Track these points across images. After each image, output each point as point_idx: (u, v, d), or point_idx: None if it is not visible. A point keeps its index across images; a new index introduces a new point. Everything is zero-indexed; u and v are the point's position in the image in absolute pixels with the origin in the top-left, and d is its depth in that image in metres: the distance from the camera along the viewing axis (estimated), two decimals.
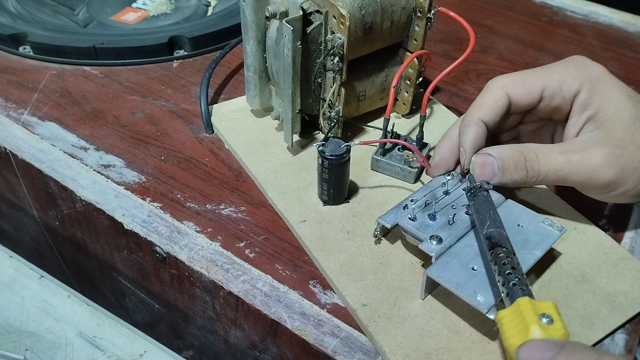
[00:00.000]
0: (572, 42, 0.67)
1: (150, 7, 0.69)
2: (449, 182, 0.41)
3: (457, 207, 0.39)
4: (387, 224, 0.38)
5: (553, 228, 0.37)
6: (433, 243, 0.36)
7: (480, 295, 0.33)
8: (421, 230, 0.37)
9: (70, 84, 0.56)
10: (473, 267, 0.35)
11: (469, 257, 0.35)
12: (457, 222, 0.37)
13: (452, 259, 0.35)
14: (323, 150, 0.40)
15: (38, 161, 0.47)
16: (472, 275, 0.34)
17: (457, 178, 0.41)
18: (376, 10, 0.42)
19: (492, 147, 0.39)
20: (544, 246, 0.36)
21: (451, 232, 0.37)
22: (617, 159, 0.36)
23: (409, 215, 0.38)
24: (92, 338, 0.57)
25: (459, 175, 0.41)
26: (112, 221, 0.44)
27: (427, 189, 0.40)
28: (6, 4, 0.66)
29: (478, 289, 0.33)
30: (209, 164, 0.48)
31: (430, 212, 0.38)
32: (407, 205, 0.39)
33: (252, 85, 0.48)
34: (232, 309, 0.40)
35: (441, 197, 0.40)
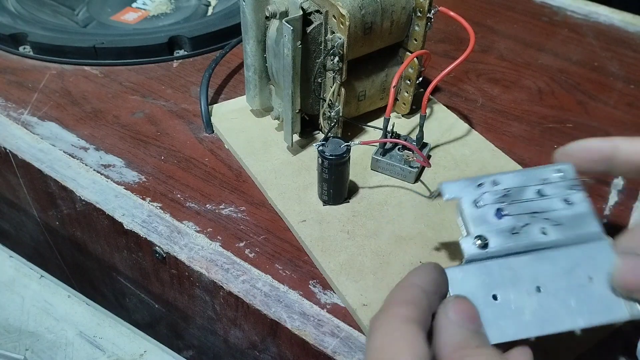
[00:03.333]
0: (572, 42, 0.67)
1: (150, 7, 0.69)
2: (552, 182, 0.31)
3: (537, 218, 0.30)
4: (445, 195, 0.31)
5: (626, 302, 0.28)
6: (476, 243, 0.29)
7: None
8: (475, 223, 0.30)
9: (70, 83, 0.56)
10: (496, 295, 0.28)
11: (500, 281, 0.28)
12: (523, 234, 0.30)
13: (480, 273, 0.29)
14: (323, 150, 0.40)
15: (38, 161, 0.47)
16: (488, 303, 0.28)
17: (568, 184, 0.31)
18: (376, 10, 0.42)
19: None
20: (594, 319, 0.28)
21: (506, 242, 0.29)
22: None
23: (476, 197, 0.31)
24: (92, 338, 0.57)
25: (573, 182, 0.31)
26: (112, 221, 0.44)
27: (521, 177, 0.31)
28: (6, 4, 0.66)
29: (487, 323, 0.27)
30: (209, 164, 0.48)
31: (501, 206, 0.30)
32: (483, 184, 0.31)
33: (252, 85, 0.48)
34: (232, 309, 0.40)
35: (528, 198, 0.31)
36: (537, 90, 0.59)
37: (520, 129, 0.53)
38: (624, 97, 0.58)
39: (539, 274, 0.28)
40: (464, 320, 0.25)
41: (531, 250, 0.29)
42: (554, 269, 0.29)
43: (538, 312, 0.28)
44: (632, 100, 0.58)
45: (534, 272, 0.28)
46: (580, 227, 0.30)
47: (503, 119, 0.54)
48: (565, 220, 0.30)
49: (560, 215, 0.30)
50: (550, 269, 0.29)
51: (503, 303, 0.28)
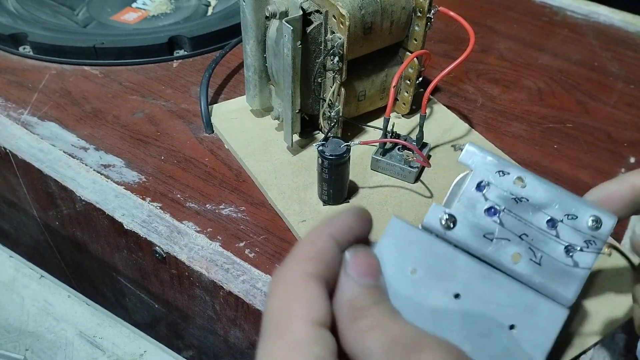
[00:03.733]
0: (572, 42, 0.67)
1: (150, 7, 0.69)
2: (576, 226, 0.26)
3: (522, 243, 0.26)
4: (464, 158, 0.27)
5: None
6: (443, 219, 0.26)
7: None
8: (460, 202, 0.27)
9: (70, 83, 0.56)
10: (416, 270, 0.25)
11: (432, 264, 0.25)
12: (494, 246, 0.26)
13: (422, 243, 0.25)
14: (323, 150, 0.40)
15: (38, 161, 0.47)
16: (404, 272, 0.25)
17: (589, 237, 0.26)
18: (376, 10, 0.42)
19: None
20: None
21: (472, 240, 0.26)
22: None
23: (486, 181, 0.27)
24: (92, 338, 0.57)
25: (598, 240, 0.26)
26: (112, 221, 0.44)
27: (551, 195, 0.27)
28: (6, 4, 0.66)
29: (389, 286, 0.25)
30: (209, 164, 0.48)
31: (499, 210, 0.26)
32: (507, 175, 0.27)
33: (252, 85, 0.48)
34: (232, 309, 0.40)
35: (534, 222, 0.26)
36: (537, 90, 0.58)
37: (520, 129, 0.53)
38: (624, 97, 0.58)
39: (471, 285, 0.25)
40: (361, 275, 0.23)
41: (486, 262, 0.26)
42: (487, 292, 0.25)
43: (437, 313, 0.25)
44: (632, 100, 0.58)
45: (468, 281, 0.25)
46: (555, 283, 0.26)
47: (503, 119, 0.54)
48: (548, 266, 0.26)
49: (549, 260, 0.26)
50: (484, 290, 0.25)
51: (416, 282, 0.25)
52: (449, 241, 0.26)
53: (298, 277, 0.22)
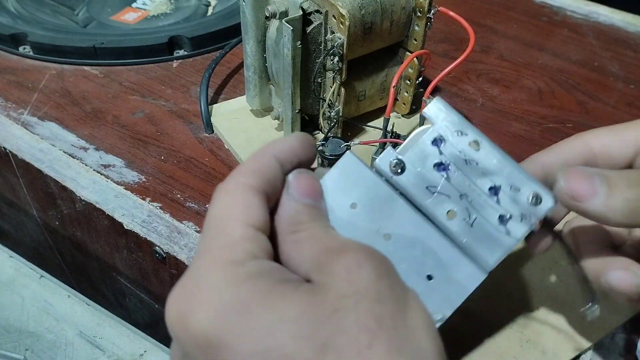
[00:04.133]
0: (572, 42, 0.67)
1: (150, 7, 0.69)
2: (516, 197, 0.27)
3: (461, 202, 0.27)
4: (428, 111, 0.28)
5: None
6: (392, 163, 0.27)
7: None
8: (413, 152, 0.27)
9: (70, 84, 0.56)
10: (356, 204, 0.26)
11: (373, 204, 0.26)
12: (434, 199, 0.27)
13: (368, 181, 0.27)
14: (323, 150, 0.40)
15: (38, 161, 0.47)
16: (344, 204, 0.26)
17: (525, 211, 0.27)
18: (376, 10, 0.42)
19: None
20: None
21: (414, 188, 0.27)
22: None
23: (443, 137, 0.28)
24: (92, 338, 0.57)
25: (533, 215, 0.27)
26: (112, 221, 0.44)
27: (500, 165, 0.27)
28: (6, 4, 0.66)
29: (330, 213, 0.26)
30: (209, 164, 0.48)
31: (448, 167, 0.27)
32: (464, 136, 0.28)
33: (252, 85, 0.48)
34: None
35: (478, 185, 0.27)
36: (537, 90, 0.58)
37: (520, 129, 0.53)
38: (624, 97, 0.58)
39: (402, 231, 0.26)
40: (301, 195, 0.25)
41: (422, 213, 0.27)
42: (415, 240, 0.26)
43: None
44: (632, 100, 0.58)
45: (400, 226, 0.26)
46: (481, 246, 0.27)
47: (503, 119, 0.54)
48: (478, 230, 0.27)
49: (481, 223, 0.27)
50: (413, 238, 0.26)
51: (353, 216, 0.26)
52: (393, 186, 0.27)
53: (239, 187, 0.24)
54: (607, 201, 0.25)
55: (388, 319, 0.21)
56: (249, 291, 0.21)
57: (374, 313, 0.21)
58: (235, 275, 0.21)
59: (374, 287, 0.21)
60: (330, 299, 0.21)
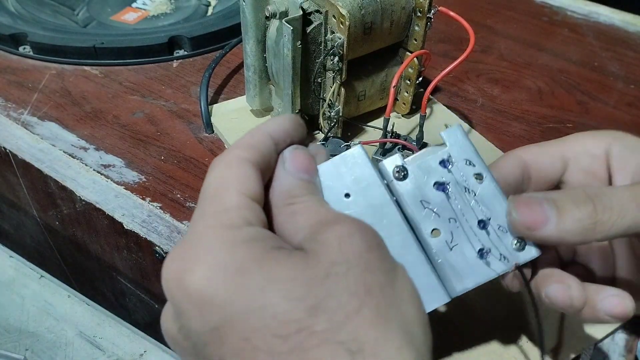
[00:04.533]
0: (572, 42, 0.66)
1: (150, 7, 0.69)
2: (499, 241, 0.28)
3: (449, 224, 0.28)
4: (446, 137, 0.28)
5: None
6: (397, 168, 0.28)
7: None
8: (420, 166, 0.28)
9: (70, 83, 0.56)
10: (349, 195, 0.27)
11: (368, 201, 0.27)
12: (424, 214, 0.28)
13: (368, 172, 0.27)
14: None
15: (38, 161, 0.47)
16: (339, 193, 0.27)
17: (503, 250, 0.28)
18: (376, 10, 0.42)
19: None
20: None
21: (409, 199, 0.28)
22: None
23: (453, 161, 0.28)
24: (92, 338, 0.57)
25: (512, 258, 0.28)
26: (112, 221, 0.44)
27: (496, 205, 0.28)
28: (6, 4, 0.66)
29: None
30: (209, 164, 0.48)
31: (448, 191, 0.28)
32: (473, 167, 0.28)
33: (252, 85, 0.48)
34: None
35: (472, 217, 0.28)
36: (537, 90, 0.58)
37: (520, 129, 0.53)
38: (624, 97, 0.58)
39: (386, 234, 0.26)
40: (298, 171, 0.26)
41: (409, 224, 0.28)
42: (394, 245, 0.26)
43: None
44: (632, 100, 0.58)
45: (386, 229, 0.27)
46: (452, 272, 0.28)
47: (503, 119, 0.54)
48: (456, 256, 0.28)
49: (461, 250, 0.28)
50: (393, 243, 0.27)
51: (344, 204, 0.27)
52: (390, 190, 0.28)
53: (234, 159, 0.25)
54: (559, 225, 0.26)
55: (377, 287, 0.22)
56: (244, 253, 0.22)
57: (364, 281, 0.22)
58: (231, 238, 0.22)
59: (365, 257, 0.22)
60: (322, 265, 0.22)
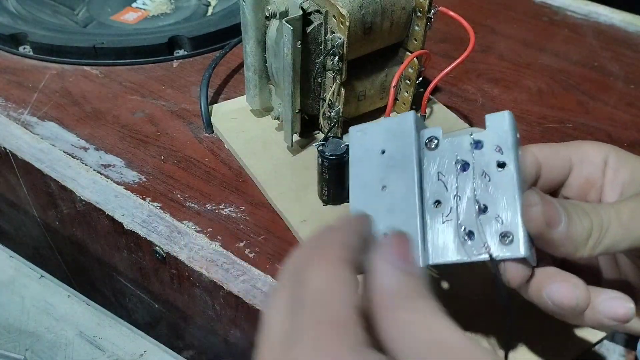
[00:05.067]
0: (572, 41, 0.66)
1: (150, 6, 0.69)
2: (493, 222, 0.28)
3: (463, 209, 0.28)
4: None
5: None
6: (433, 137, 0.30)
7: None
8: (454, 137, 0.29)
9: (70, 83, 0.56)
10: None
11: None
12: (441, 192, 0.29)
13: (399, 152, 0.29)
14: (323, 150, 0.40)
15: (38, 161, 0.47)
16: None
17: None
18: (376, 10, 0.42)
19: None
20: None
21: (429, 175, 0.29)
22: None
23: (482, 141, 0.29)
24: (92, 338, 0.57)
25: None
26: (112, 221, 0.44)
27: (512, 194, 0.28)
28: (6, 4, 0.66)
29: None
30: (209, 164, 0.48)
31: (468, 168, 0.29)
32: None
33: (252, 85, 0.48)
34: (232, 308, 0.40)
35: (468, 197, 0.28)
36: (537, 90, 0.58)
37: (520, 129, 0.52)
38: (624, 97, 0.58)
39: (398, 190, 0.29)
40: (400, 261, 0.22)
41: (420, 189, 0.29)
42: (400, 203, 0.29)
43: (368, 187, 0.30)
44: (632, 100, 0.58)
45: (399, 186, 0.29)
46: (435, 243, 0.28)
47: None
48: (445, 231, 0.28)
49: (452, 227, 0.28)
50: (400, 199, 0.29)
51: (377, 158, 0.30)
52: (419, 155, 0.29)
53: (336, 262, 0.22)
54: (568, 231, 0.26)
55: None
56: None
57: None
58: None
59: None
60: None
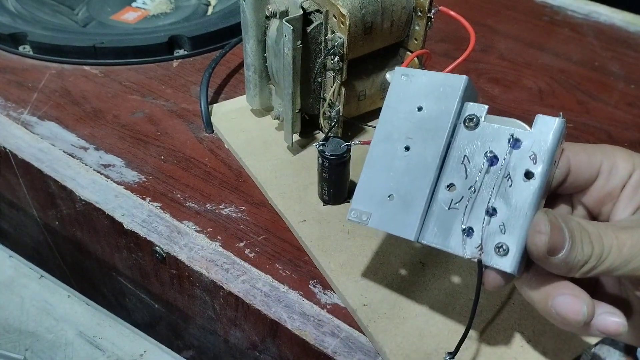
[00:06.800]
0: (572, 41, 0.66)
1: (150, 6, 0.69)
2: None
3: (473, 201, 0.28)
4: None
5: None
6: (474, 114, 0.29)
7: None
8: (491, 125, 0.28)
9: (70, 83, 0.56)
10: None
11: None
12: (461, 176, 0.29)
13: (439, 118, 0.29)
14: (323, 149, 0.40)
15: (38, 161, 0.47)
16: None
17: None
18: (376, 10, 0.42)
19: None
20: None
21: (455, 159, 0.29)
22: None
23: (521, 141, 0.28)
24: (92, 338, 0.57)
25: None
26: (112, 221, 0.44)
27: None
28: (6, 4, 0.66)
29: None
30: (209, 164, 0.48)
31: (496, 165, 0.28)
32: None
33: (252, 84, 0.48)
34: (232, 309, 0.40)
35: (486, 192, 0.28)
36: (538, 90, 0.58)
37: None
38: (625, 97, 0.58)
39: (419, 157, 0.29)
40: None
41: (442, 163, 0.29)
42: (418, 170, 0.30)
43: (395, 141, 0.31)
44: (632, 100, 0.58)
45: (422, 153, 0.30)
46: (434, 225, 0.29)
47: None
48: (448, 216, 0.29)
49: (455, 215, 0.28)
50: (419, 167, 0.30)
51: (410, 114, 0.30)
52: (453, 128, 0.29)
53: None
54: (567, 257, 0.26)
55: None
56: None
57: None
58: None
59: None
60: None
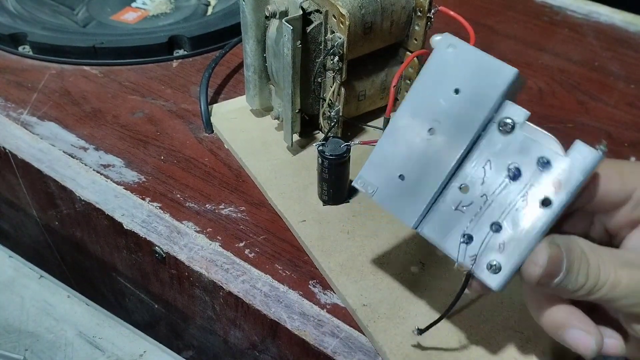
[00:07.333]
0: (572, 41, 0.66)
1: (150, 6, 0.69)
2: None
3: (481, 211, 0.28)
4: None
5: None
6: (508, 117, 0.28)
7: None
8: (526, 137, 0.28)
9: (70, 83, 0.56)
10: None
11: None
12: (478, 181, 0.28)
13: (473, 107, 0.28)
14: (323, 150, 0.40)
15: (37, 161, 0.47)
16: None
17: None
18: (376, 10, 0.42)
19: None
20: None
21: (479, 160, 0.28)
22: None
23: (549, 162, 0.27)
24: (92, 338, 0.57)
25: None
26: (112, 221, 0.44)
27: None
28: (6, 4, 0.66)
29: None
30: (209, 164, 0.48)
31: (515, 180, 0.27)
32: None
33: (252, 84, 0.48)
34: (232, 309, 0.40)
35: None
36: (538, 90, 0.58)
37: None
38: (625, 97, 0.58)
39: (441, 145, 0.29)
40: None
41: (463, 159, 0.28)
42: (438, 157, 0.29)
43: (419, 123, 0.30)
44: (632, 100, 0.58)
45: (445, 142, 0.29)
46: (435, 221, 0.29)
47: None
48: (452, 217, 0.28)
49: (459, 218, 0.28)
50: (440, 154, 0.29)
51: (444, 95, 0.28)
52: (485, 127, 0.28)
53: None
54: (562, 283, 0.26)
55: None
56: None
57: None
58: None
59: None
60: None
